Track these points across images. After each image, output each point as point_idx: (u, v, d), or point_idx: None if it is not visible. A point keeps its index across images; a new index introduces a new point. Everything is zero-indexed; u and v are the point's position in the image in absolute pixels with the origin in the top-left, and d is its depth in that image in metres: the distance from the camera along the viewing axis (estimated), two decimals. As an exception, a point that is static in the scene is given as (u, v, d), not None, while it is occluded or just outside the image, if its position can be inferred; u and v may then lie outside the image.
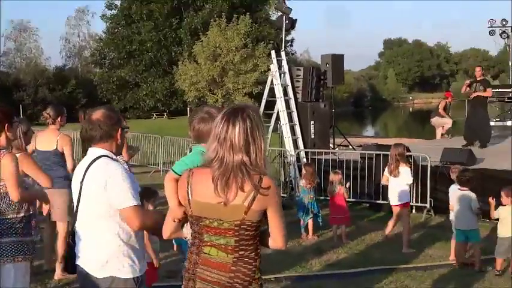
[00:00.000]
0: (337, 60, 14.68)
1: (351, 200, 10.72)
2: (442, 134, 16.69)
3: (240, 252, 2.74)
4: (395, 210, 8.45)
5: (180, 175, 2.95)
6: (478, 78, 13.36)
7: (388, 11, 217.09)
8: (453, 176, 7.88)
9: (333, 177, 8.88)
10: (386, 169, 8.48)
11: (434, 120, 16.88)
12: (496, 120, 17.27)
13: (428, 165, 10.42)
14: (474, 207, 7.19)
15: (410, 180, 8.36)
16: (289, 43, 48.45)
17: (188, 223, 2.94)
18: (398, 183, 8.25)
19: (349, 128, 53.56)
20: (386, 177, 8.44)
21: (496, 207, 7.20)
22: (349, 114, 79.54)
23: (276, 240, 2.81)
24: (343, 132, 16.23)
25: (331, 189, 8.80)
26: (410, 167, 8.66)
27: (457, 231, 7.37)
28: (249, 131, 2.71)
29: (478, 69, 13.64)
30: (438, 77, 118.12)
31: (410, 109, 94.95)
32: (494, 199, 7.19)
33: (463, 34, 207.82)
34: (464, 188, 7.38)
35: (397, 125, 61.41)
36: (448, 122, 16.55)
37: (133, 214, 3.21)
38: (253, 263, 2.76)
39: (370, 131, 52.35)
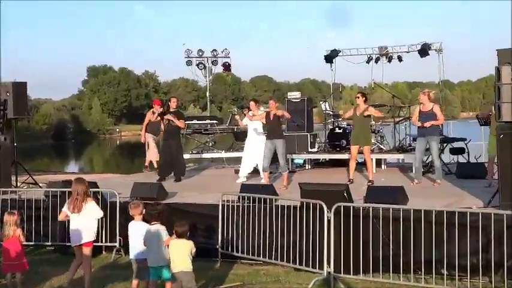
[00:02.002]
0: (20, 88, 14.36)
1: (32, 243, 10.52)
2: (145, 166, 16.64)
3: None
4: (78, 251, 8.53)
5: None
6: (172, 110, 14.40)
7: (85, 33, 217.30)
8: (131, 212, 8.32)
9: (6, 218, 8.63)
10: (65, 205, 8.54)
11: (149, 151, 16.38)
12: (192, 152, 18.58)
13: (117, 202, 10.78)
14: (166, 240, 7.70)
15: (98, 214, 8.55)
16: None
17: None
18: (81, 221, 8.37)
19: (49, 164, 52.14)
20: (64, 214, 8.49)
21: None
22: (49, 149, 77.41)
23: None
24: (29, 169, 15.80)
25: (3, 233, 8.53)
26: (98, 204, 8.89)
27: (151, 268, 7.81)
28: None
29: (173, 100, 14.68)
30: (147, 108, 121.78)
31: (118, 142, 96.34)
32: None
33: (167, 63, 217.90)
34: (155, 223, 7.86)
35: (104, 159, 61.72)
36: (153, 155, 16.20)
37: None
38: None
39: (74, 167, 51.53)
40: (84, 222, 8.43)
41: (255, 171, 14.17)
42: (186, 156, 16.62)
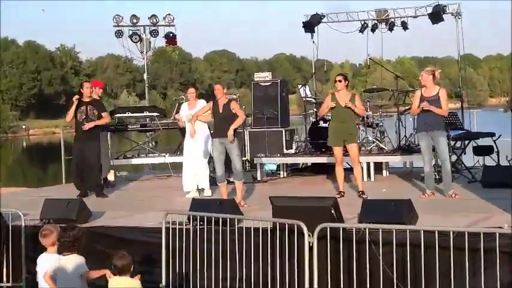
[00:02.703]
0: None
1: None
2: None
3: None
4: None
5: None
6: (88, 100, 14.34)
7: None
8: (42, 241, 8.29)
9: None
10: None
11: None
12: (126, 157, 18.51)
13: (22, 226, 10.68)
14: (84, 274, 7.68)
15: None
16: None
17: None
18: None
19: None
20: None
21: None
22: None
23: None
24: None
25: None
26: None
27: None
28: None
29: (86, 85, 14.56)
30: (64, 95, 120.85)
31: (24, 143, 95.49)
32: None
33: (90, 35, 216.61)
34: (67, 253, 7.83)
35: (5, 167, 61.08)
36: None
37: None
38: None
39: (-38, 179, 50.92)
40: None
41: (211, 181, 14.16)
42: (118, 162, 16.53)
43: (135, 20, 23.20)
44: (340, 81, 13.07)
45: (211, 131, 13.59)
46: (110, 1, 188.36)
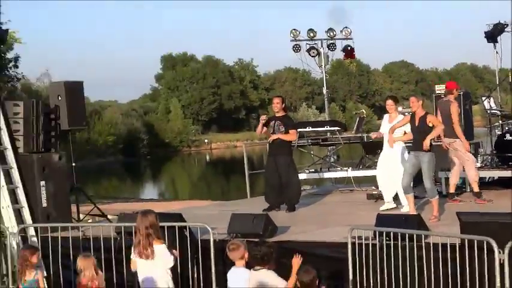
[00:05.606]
0: (75, 90, 14.86)
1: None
2: None
3: None
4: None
5: None
6: (277, 115, 14.53)
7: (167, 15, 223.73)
8: (230, 255, 8.51)
9: (81, 263, 8.97)
10: (132, 251, 8.84)
11: None
12: (308, 171, 18.67)
13: (211, 240, 10.98)
14: None
15: (170, 262, 8.79)
16: (12, 63, 45.22)
17: None
18: (153, 269, 8.69)
19: (119, 189, 53.77)
20: (133, 263, 8.82)
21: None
22: (119, 168, 79.86)
23: None
24: (93, 195, 16.51)
25: (80, 282, 8.88)
26: (186, 243, 9.17)
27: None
28: None
29: (276, 101, 14.75)
30: (244, 110, 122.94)
31: (207, 157, 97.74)
32: None
33: (267, 49, 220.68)
34: (258, 268, 8.03)
35: (190, 181, 62.85)
36: None
37: None
38: None
39: (152, 191, 52.94)
40: (157, 269, 8.74)
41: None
42: (301, 176, 16.69)
43: (312, 34, 23.39)
44: None
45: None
46: (286, 15, 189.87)
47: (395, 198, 14.00)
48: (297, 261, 8.30)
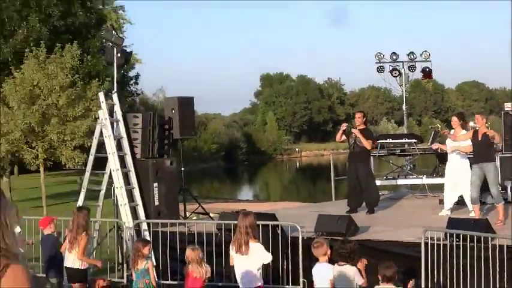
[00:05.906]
0: (186, 104, 15.09)
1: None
2: None
3: None
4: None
5: None
6: (359, 127, 14.48)
7: (265, 38, 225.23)
8: (315, 252, 8.50)
9: (190, 254, 9.10)
10: (231, 246, 8.91)
11: None
12: (387, 178, 18.53)
13: (300, 238, 11.02)
14: (358, 284, 7.82)
15: (267, 258, 8.84)
16: (133, 80, 47.56)
17: None
18: (248, 263, 8.72)
19: (220, 190, 54.39)
20: (231, 258, 8.90)
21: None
22: (220, 172, 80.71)
23: None
24: (198, 195, 16.73)
25: (188, 272, 9.03)
26: (277, 239, 9.20)
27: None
28: None
29: (358, 115, 14.76)
30: (331, 123, 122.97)
31: (298, 164, 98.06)
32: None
33: (353, 69, 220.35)
34: (342, 263, 8.02)
35: (282, 185, 63.09)
36: None
37: None
38: None
39: (248, 193, 53.30)
40: (251, 264, 8.75)
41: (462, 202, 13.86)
42: (378, 182, 16.59)
43: (394, 57, 23.30)
44: None
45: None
46: (370, 41, 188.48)
47: (458, 203, 13.81)
48: (362, 265, 8.23)
